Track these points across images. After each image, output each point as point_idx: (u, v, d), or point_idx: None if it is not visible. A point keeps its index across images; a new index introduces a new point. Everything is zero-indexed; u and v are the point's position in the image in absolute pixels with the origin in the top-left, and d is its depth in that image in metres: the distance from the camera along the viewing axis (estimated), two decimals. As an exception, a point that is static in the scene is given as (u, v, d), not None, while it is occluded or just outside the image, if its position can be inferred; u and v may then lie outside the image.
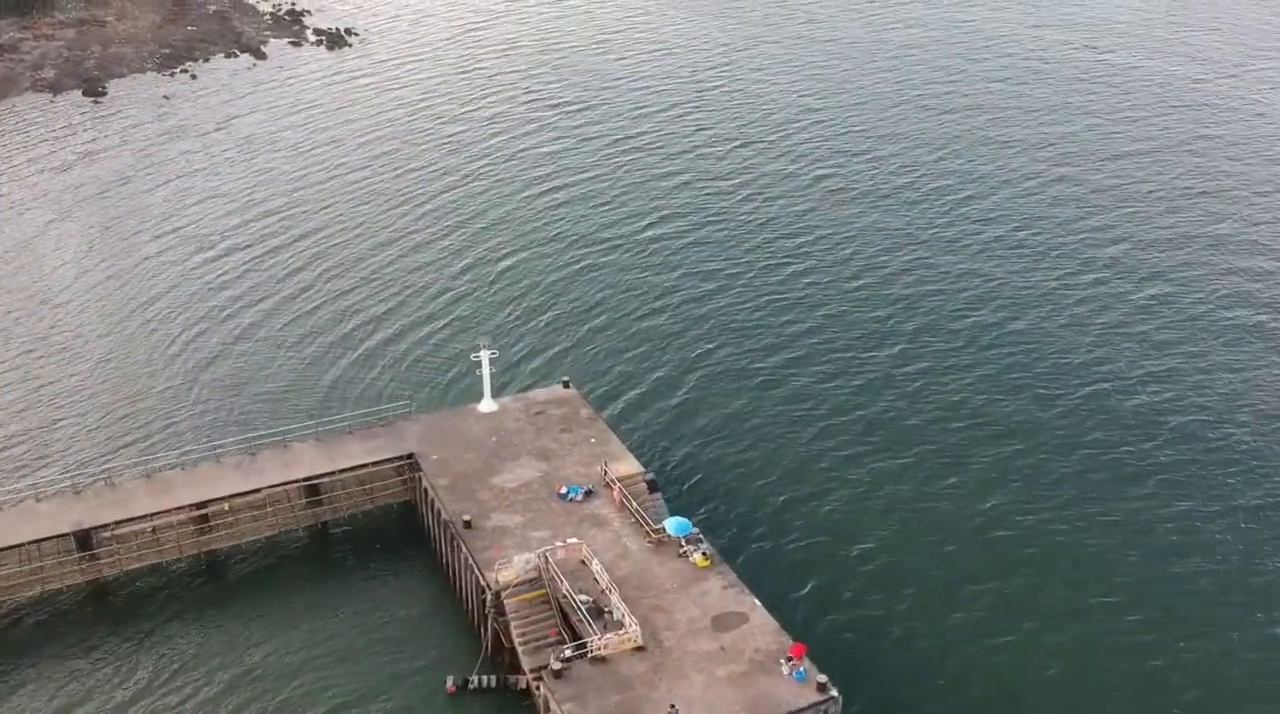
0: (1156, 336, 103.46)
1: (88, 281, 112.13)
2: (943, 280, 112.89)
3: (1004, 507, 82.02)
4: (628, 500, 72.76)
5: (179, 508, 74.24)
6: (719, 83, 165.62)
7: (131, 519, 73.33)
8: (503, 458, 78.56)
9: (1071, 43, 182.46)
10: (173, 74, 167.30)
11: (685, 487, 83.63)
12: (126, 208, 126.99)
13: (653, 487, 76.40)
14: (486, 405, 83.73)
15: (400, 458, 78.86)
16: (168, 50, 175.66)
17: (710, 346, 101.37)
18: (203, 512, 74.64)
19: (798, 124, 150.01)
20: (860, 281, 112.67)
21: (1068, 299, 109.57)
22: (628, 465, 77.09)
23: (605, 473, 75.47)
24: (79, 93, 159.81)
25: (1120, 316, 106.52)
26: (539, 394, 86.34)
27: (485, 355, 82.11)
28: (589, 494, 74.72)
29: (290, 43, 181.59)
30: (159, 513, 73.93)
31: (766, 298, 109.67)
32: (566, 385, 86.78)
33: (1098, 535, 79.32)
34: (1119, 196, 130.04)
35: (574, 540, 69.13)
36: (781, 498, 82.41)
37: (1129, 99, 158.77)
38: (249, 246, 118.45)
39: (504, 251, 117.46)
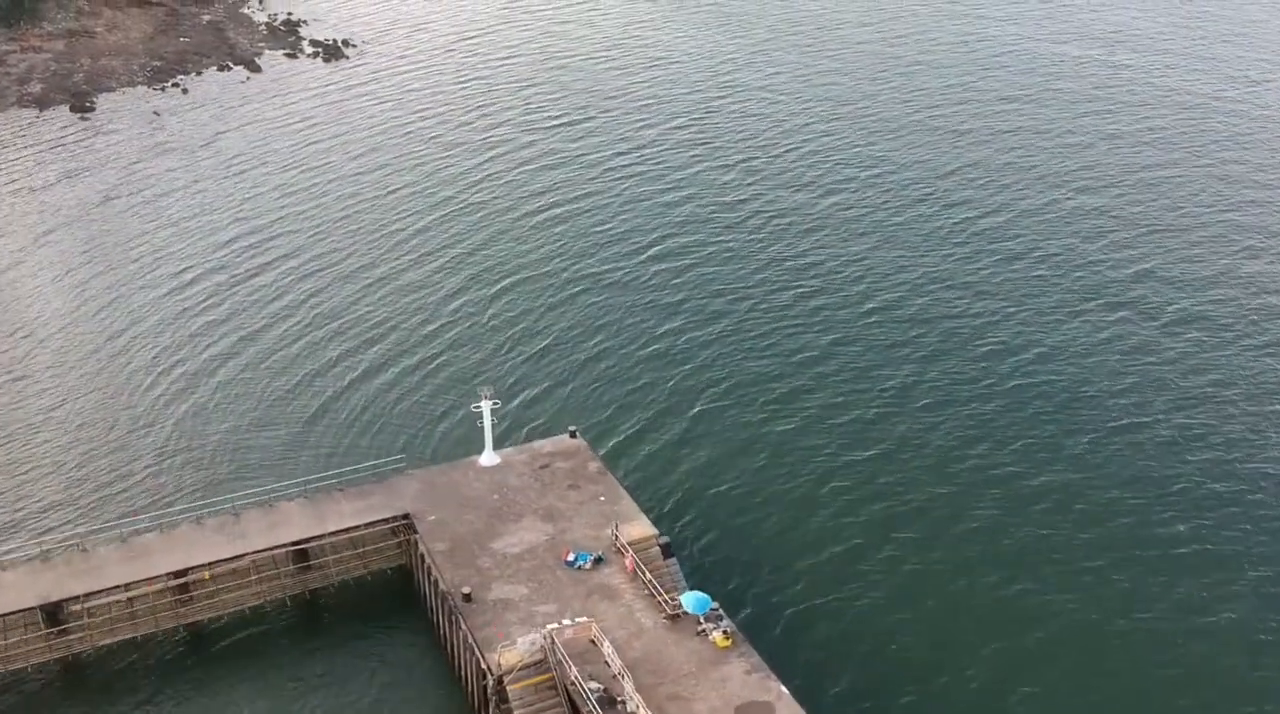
0: (1185, 373, 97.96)
1: (60, 314, 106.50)
2: (958, 307, 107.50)
3: (1043, 587, 76.28)
4: (641, 571, 67.28)
5: (157, 577, 68.79)
6: (724, 95, 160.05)
7: (105, 590, 67.97)
8: (505, 518, 73.10)
9: (1088, 56, 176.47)
10: (163, 88, 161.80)
11: (700, 543, 78.22)
12: (106, 231, 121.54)
13: (667, 551, 70.89)
14: (488, 458, 78.26)
15: (395, 519, 73.37)
16: (159, 63, 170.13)
17: (718, 382, 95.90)
18: (182, 580, 69.22)
19: (806, 141, 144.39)
20: (872, 307, 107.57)
21: (1088, 328, 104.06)
22: (640, 527, 71.62)
23: (616, 537, 70.04)
24: (66, 108, 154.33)
25: (1147, 350, 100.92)
26: (544, 445, 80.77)
27: (486, 405, 76.60)
28: (599, 561, 69.23)
29: (286, 54, 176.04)
30: (135, 582, 68.48)
31: (775, 326, 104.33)
32: (574, 434, 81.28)
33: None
34: (1141, 221, 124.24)
35: (583, 619, 63.64)
36: (806, 561, 76.68)
37: (1149, 115, 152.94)
38: (231, 275, 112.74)
39: (501, 280, 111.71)
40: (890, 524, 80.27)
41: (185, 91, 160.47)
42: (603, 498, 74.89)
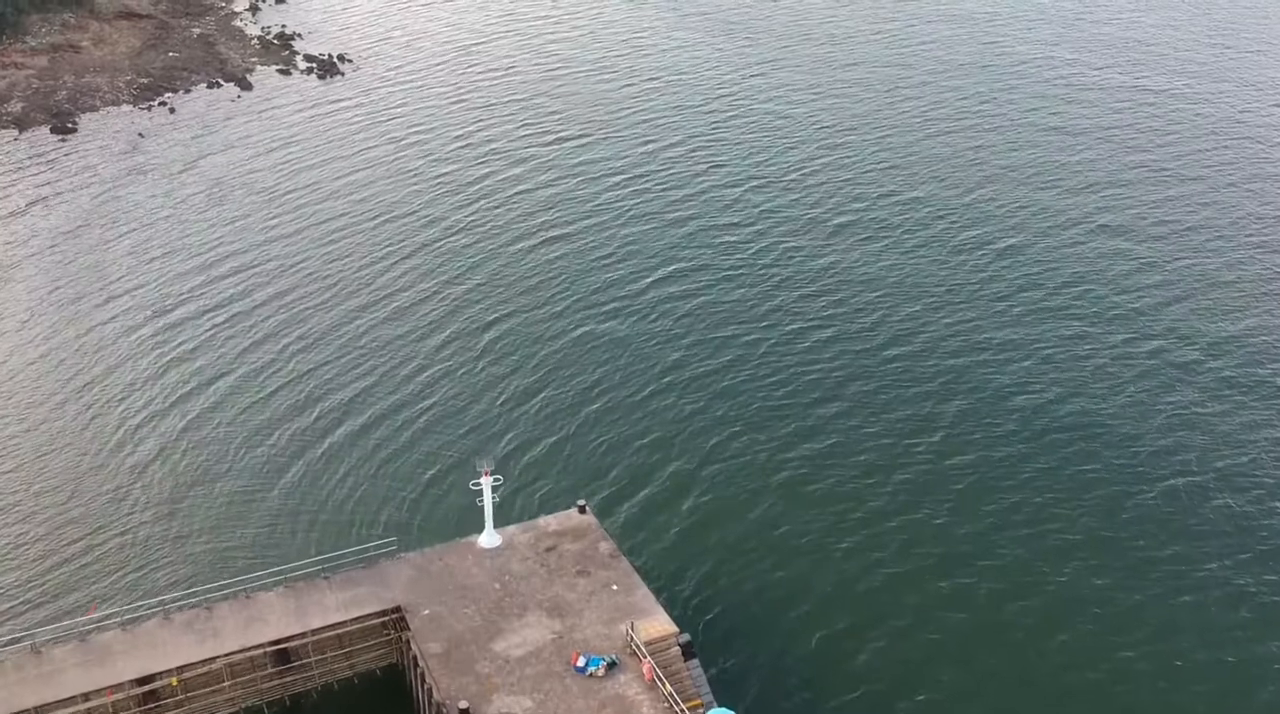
0: (1231, 419, 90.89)
1: (19, 361, 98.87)
2: (979, 340, 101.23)
3: (1099, 666, 69.29)
4: (660, 681, 60.05)
5: (119, 684, 61.57)
6: (731, 112, 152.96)
7: (60, 701, 60.69)
8: (507, 613, 65.83)
9: (1109, 67, 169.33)
10: (149, 107, 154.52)
11: (721, 632, 71.15)
12: (76, 264, 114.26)
13: (689, 651, 63.82)
14: (488, 538, 70.97)
15: (385, 612, 66.14)
16: (146, 80, 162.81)
17: (732, 433, 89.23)
18: (149, 688, 62.01)
19: (816, 160, 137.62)
20: (888, 340, 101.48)
21: (1128, 372, 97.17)
22: (658, 624, 64.42)
23: (632, 638, 62.82)
24: (47, 129, 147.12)
25: (1189, 392, 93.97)
26: (550, 522, 73.39)
27: (486, 482, 69.30)
28: (612, 666, 62.01)
29: (279, 70, 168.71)
30: (95, 692, 61.17)
31: (787, 364, 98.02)
32: (583, 509, 73.95)
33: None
34: (1174, 248, 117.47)
35: (596, 745, 56.52)
36: (845, 653, 69.68)
37: (1174, 131, 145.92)
38: (206, 314, 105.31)
39: (495, 319, 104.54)
40: (933, 605, 73.36)
41: (172, 111, 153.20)
42: (615, 587, 67.67)
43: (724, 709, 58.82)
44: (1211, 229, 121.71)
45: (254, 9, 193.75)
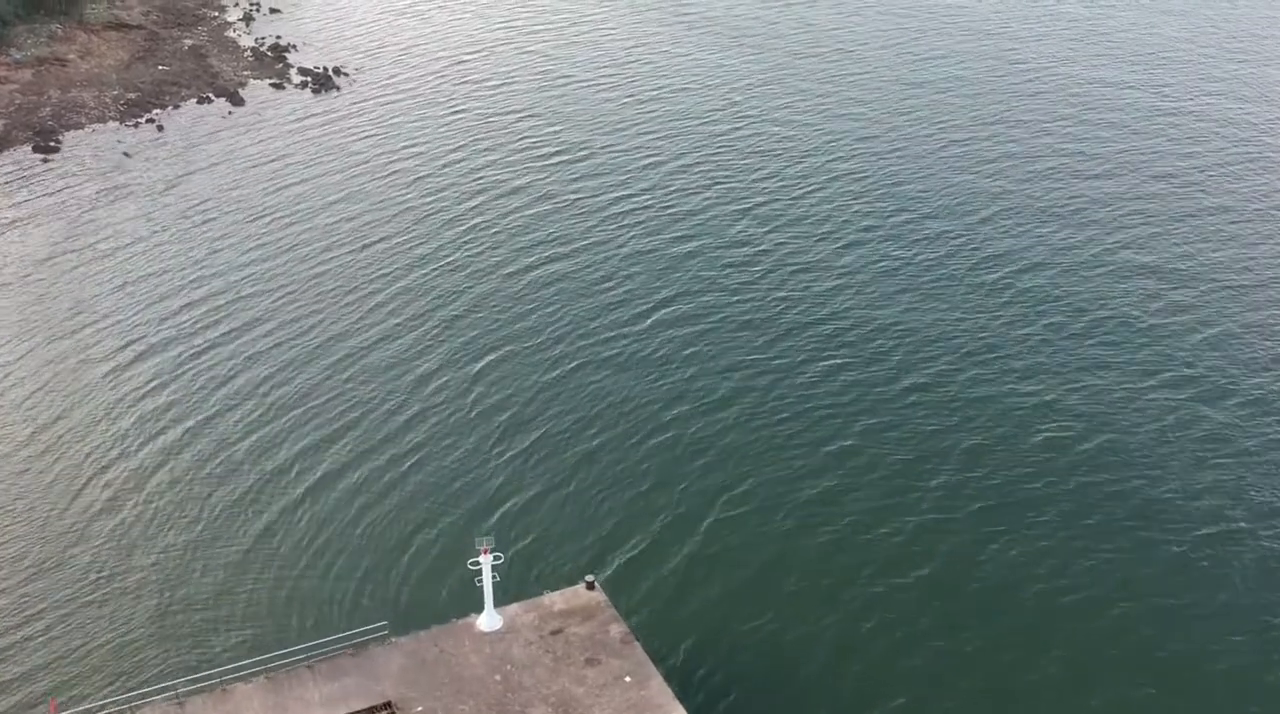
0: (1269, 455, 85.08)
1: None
2: (1007, 384, 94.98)
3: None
4: (679, 799, 54.02)
5: (76, 795, 55.67)
6: (736, 127, 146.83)
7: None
8: (509, 710, 59.70)
9: (1129, 82, 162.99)
10: (136, 124, 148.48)
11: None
12: (47, 296, 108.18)
13: (709, 755, 57.76)
14: (488, 620, 64.73)
15: (375, 709, 59.99)
16: (134, 95, 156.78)
17: (746, 492, 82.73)
18: (109, 798, 56.02)
19: (825, 179, 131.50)
20: (910, 385, 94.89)
21: (1152, 410, 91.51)
22: (675, 724, 58.38)
23: (646, 742, 56.79)
24: (29, 148, 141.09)
25: (1221, 428, 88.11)
26: (555, 600, 67.13)
27: (486, 560, 63.18)
28: (625, 775, 56.00)
29: (272, 85, 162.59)
30: (48, 804, 55.37)
31: (802, 410, 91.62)
32: (591, 585, 67.76)
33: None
34: (1204, 275, 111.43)
35: None
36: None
37: (1199, 151, 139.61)
38: (179, 350, 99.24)
39: (488, 366, 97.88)
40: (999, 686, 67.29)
41: (160, 128, 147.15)
42: (629, 678, 61.49)
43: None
44: (1239, 249, 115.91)
45: (248, 19, 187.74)
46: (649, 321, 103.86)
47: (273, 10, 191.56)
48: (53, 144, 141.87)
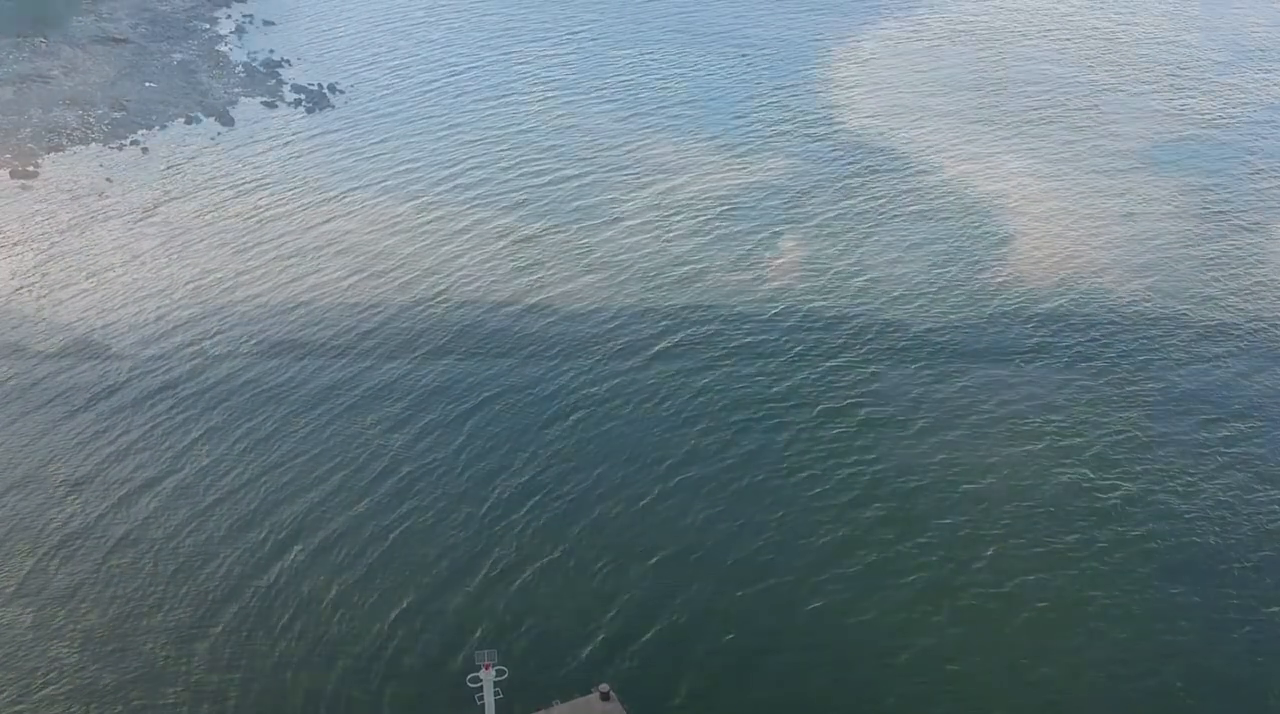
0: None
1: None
2: (1040, 436, 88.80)
3: None
4: None
5: None
6: (745, 145, 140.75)
7: None
8: None
9: (1146, 91, 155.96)
10: (121, 146, 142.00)
11: None
12: (9, 334, 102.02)
13: None
14: (484, 739, 58.33)
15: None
16: (119, 114, 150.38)
17: (769, 567, 76.45)
18: None
19: (838, 204, 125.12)
20: (939, 442, 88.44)
21: (1201, 464, 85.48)
22: None
23: None
24: (7, 173, 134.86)
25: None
26: (565, 712, 60.74)
27: (488, 677, 56.20)
28: None
29: (264, 103, 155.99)
30: None
31: (823, 470, 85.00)
32: (606, 695, 61.01)
33: None
34: (1236, 303, 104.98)
35: None
36: None
37: (1222, 172, 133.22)
38: (147, 399, 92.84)
39: (479, 401, 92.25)
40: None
41: (145, 150, 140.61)
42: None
43: None
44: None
45: (240, 31, 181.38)
46: (653, 365, 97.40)
47: (266, 22, 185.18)
48: (30, 169, 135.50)
